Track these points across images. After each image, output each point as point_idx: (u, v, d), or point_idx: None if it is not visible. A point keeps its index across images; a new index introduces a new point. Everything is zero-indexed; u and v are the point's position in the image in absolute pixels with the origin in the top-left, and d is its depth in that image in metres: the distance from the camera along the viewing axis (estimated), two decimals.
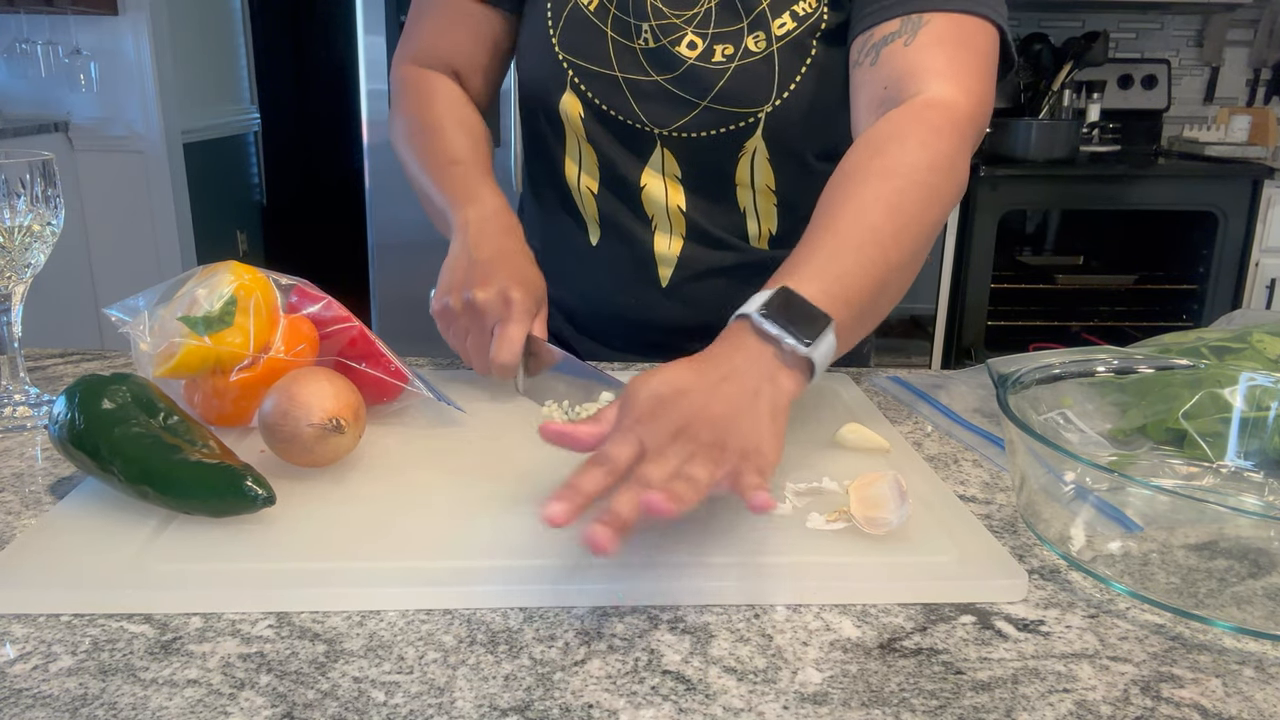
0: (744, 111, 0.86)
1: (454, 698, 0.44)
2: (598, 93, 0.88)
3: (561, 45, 0.87)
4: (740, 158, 0.89)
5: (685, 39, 0.85)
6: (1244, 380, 0.68)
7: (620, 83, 0.87)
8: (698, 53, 0.85)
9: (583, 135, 0.91)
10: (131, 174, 3.33)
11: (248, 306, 0.69)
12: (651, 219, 0.92)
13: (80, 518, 0.58)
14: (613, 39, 0.86)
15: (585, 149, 0.92)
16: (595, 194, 0.93)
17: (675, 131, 0.88)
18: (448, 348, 0.83)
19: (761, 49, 0.84)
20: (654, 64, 0.86)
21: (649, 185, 0.91)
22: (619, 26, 0.86)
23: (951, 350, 2.97)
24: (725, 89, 0.85)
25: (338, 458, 0.64)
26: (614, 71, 0.87)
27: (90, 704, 0.43)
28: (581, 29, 0.87)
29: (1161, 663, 0.48)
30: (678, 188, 0.91)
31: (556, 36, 0.87)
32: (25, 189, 0.71)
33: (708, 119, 0.86)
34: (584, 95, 0.88)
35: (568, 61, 0.87)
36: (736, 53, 0.84)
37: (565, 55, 0.87)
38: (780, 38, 0.84)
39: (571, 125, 0.90)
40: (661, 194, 0.91)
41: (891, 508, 0.56)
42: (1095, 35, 3.08)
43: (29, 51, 3.18)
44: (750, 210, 0.92)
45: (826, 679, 0.46)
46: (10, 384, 0.77)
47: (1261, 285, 2.89)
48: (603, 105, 0.88)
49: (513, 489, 0.63)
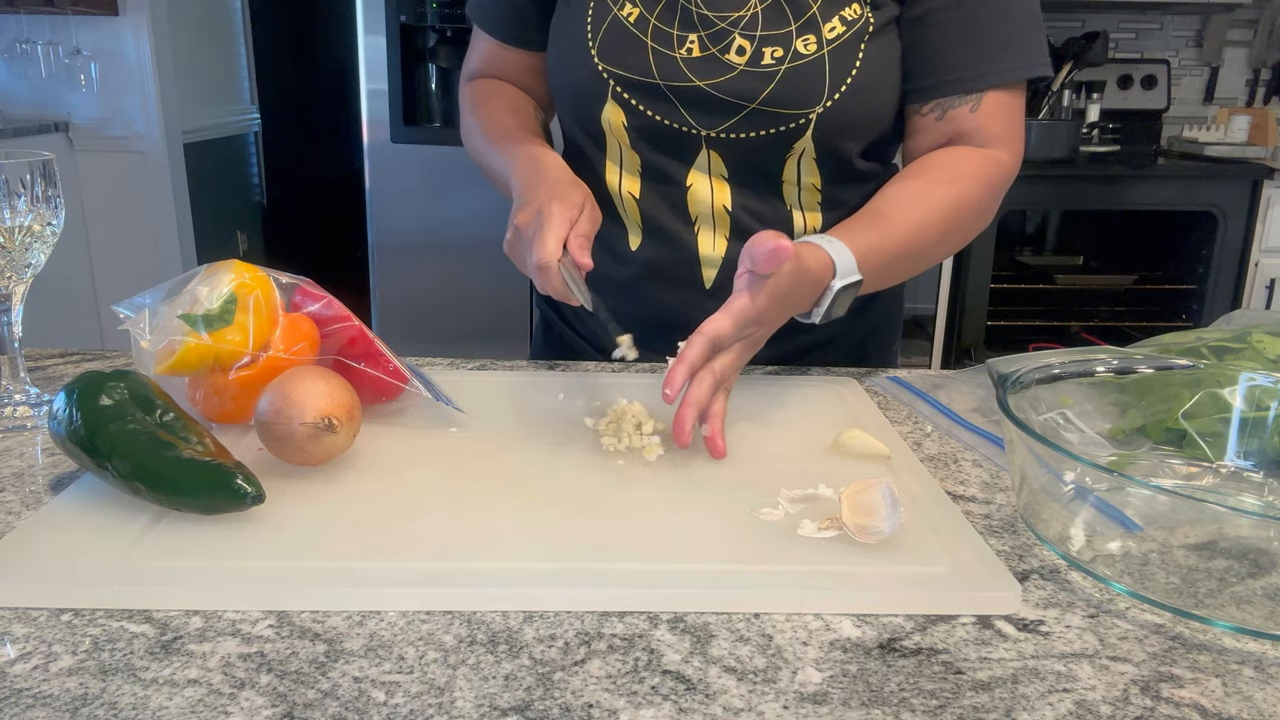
0: (795, 113, 0.86)
1: (454, 698, 0.44)
2: (641, 101, 0.88)
3: (601, 56, 0.88)
4: (788, 158, 0.89)
5: (734, 45, 0.85)
6: (1244, 380, 0.68)
7: (664, 90, 0.87)
8: (746, 58, 0.85)
9: (626, 142, 0.91)
10: (131, 174, 3.33)
11: (247, 305, 0.69)
12: (695, 220, 0.93)
13: (74, 513, 0.58)
14: (653, 49, 0.87)
15: (628, 154, 0.92)
16: (638, 198, 0.93)
17: (723, 134, 0.88)
18: (448, 348, 0.83)
19: (812, 52, 0.84)
20: (699, 71, 0.86)
21: (695, 185, 0.91)
22: (659, 37, 0.87)
23: (951, 350, 2.97)
24: (775, 92, 0.85)
25: (332, 456, 0.64)
26: (655, 79, 0.87)
27: (90, 704, 0.43)
28: (621, 40, 0.88)
29: (1161, 663, 0.48)
30: (724, 186, 0.91)
31: (596, 48, 0.88)
32: (25, 189, 0.71)
33: (757, 121, 0.87)
34: (627, 104, 0.89)
35: (608, 72, 0.88)
36: (786, 55, 0.85)
37: (605, 66, 0.88)
38: (830, 41, 0.85)
39: (615, 133, 0.91)
40: (707, 194, 0.92)
41: (883, 515, 0.55)
42: (1095, 35, 3.08)
43: (29, 51, 3.18)
44: (795, 206, 0.93)
45: (826, 679, 0.46)
46: (10, 384, 0.77)
47: (1261, 285, 2.89)
48: (648, 112, 0.89)
49: (511, 489, 0.63)
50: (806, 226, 0.93)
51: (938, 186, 0.86)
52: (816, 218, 0.93)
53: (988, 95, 0.87)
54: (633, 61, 0.88)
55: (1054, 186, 2.90)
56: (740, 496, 0.62)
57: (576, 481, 0.64)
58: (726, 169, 0.91)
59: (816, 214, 0.93)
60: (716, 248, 0.93)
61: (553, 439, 0.71)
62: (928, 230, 0.85)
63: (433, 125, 2.97)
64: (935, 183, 0.86)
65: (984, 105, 0.88)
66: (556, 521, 0.59)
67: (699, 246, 0.93)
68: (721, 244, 0.93)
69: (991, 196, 0.88)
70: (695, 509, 0.61)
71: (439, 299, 2.96)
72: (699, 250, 0.94)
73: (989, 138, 0.88)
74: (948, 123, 0.89)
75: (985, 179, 0.88)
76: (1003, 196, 0.90)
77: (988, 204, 0.89)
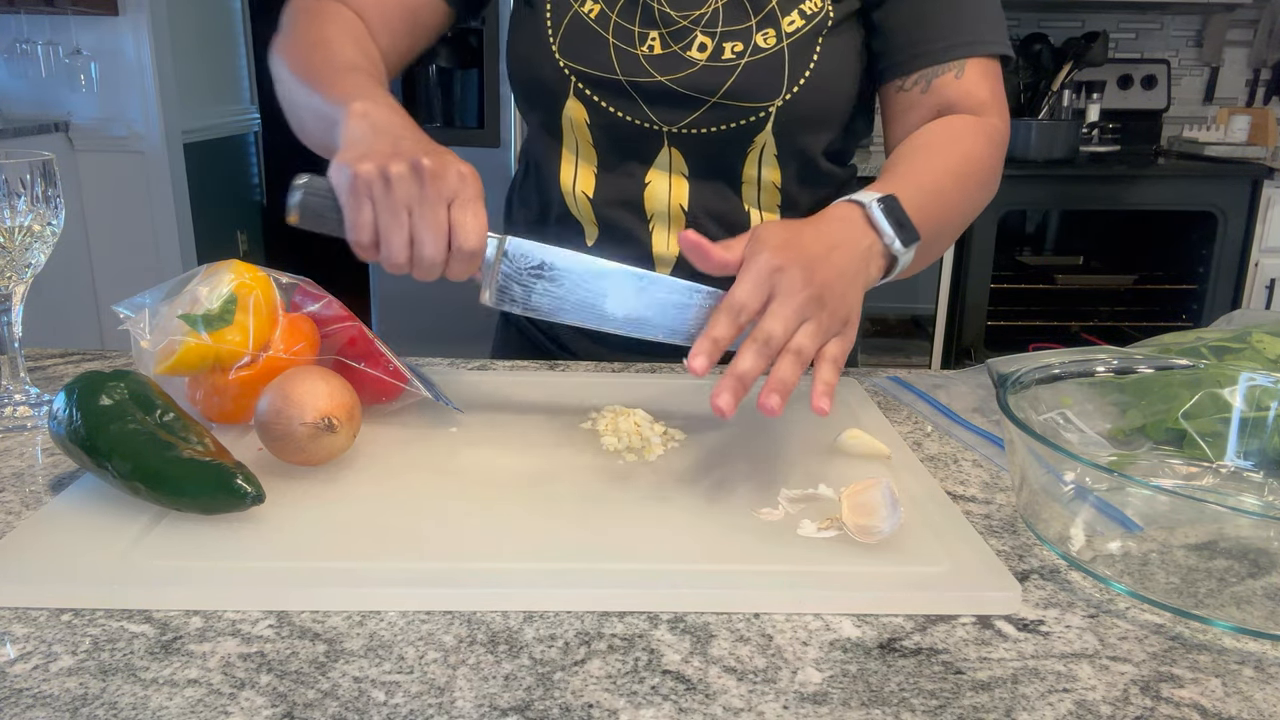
0: (754, 107, 0.86)
1: (454, 698, 0.44)
2: (603, 97, 0.88)
3: (563, 53, 0.87)
4: (749, 153, 0.90)
5: (696, 41, 0.86)
6: (1244, 380, 0.68)
7: (625, 86, 0.87)
8: (707, 54, 0.86)
9: (587, 139, 0.91)
10: (131, 174, 3.33)
11: (247, 305, 0.69)
12: (650, 218, 0.93)
13: (73, 514, 0.58)
14: (615, 45, 0.87)
15: (586, 151, 0.92)
16: (591, 196, 0.93)
17: (684, 129, 0.88)
18: (448, 348, 0.82)
19: (771, 45, 0.85)
20: (660, 67, 0.86)
21: (653, 183, 0.91)
22: (621, 33, 0.87)
23: (951, 350, 2.97)
24: (735, 86, 0.85)
25: (332, 457, 0.64)
26: (617, 75, 0.87)
27: (90, 704, 0.43)
28: (583, 36, 0.87)
29: (1161, 663, 0.48)
30: (683, 184, 0.91)
31: (557, 45, 0.87)
32: (25, 189, 0.71)
33: (718, 115, 0.87)
34: (589, 100, 0.88)
35: (570, 68, 0.87)
36: (746, 49, 0.85)
37: (567, 62, 0.87)
38: (790, 35, 0.85)
39: (576, 130, 0.90)
40: (665, 191, 0.91)
41: (883, 516, 0.55)
42: (1095, 35, 3.09)
43: (29, 51, 3.18)
44: (754, 205, 0.93)
45: (826, 679, 0.46)
46: (10, 384, 0.77)
47: (1261, 285, 2.89)
48: (609, 108, 0.88)
49: (511, 489, 0.63)
50: None
51: (945, 145, 0.83)
52: (774, 218, 0.93)
53: (970, 63, 0.86)
54: (595, 58, 0.87)
55: (1054, 186, 2.90)
56: (740, 496, 0.62)
57: (576, 481, 0.64)
58: (687, 166, 0.91)
59: (775, 214, 0.93)
60: (671, 246, 0.93)
61: (553, 439, 0.71)
62: (945, 178, 0.80)
63: (433, 125, 2.97)
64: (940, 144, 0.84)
65: (968, 72, 0.86)
66: (556, 521, 0.59)
67: (653, 245, 0.93)
68: (675, 243, 0.93)
69: (996, 154, 0.86)
70: (695, 509, 0.61)
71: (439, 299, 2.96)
72: (653, 249, 0.93)
73: (977, 105, 0.86)
74: (934, 94, 0.87)
75: (986, 136, 0.85)
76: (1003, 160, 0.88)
77: (995, 161, 0.86)
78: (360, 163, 0.62)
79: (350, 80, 0.73)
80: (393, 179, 0.61)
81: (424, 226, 0.62)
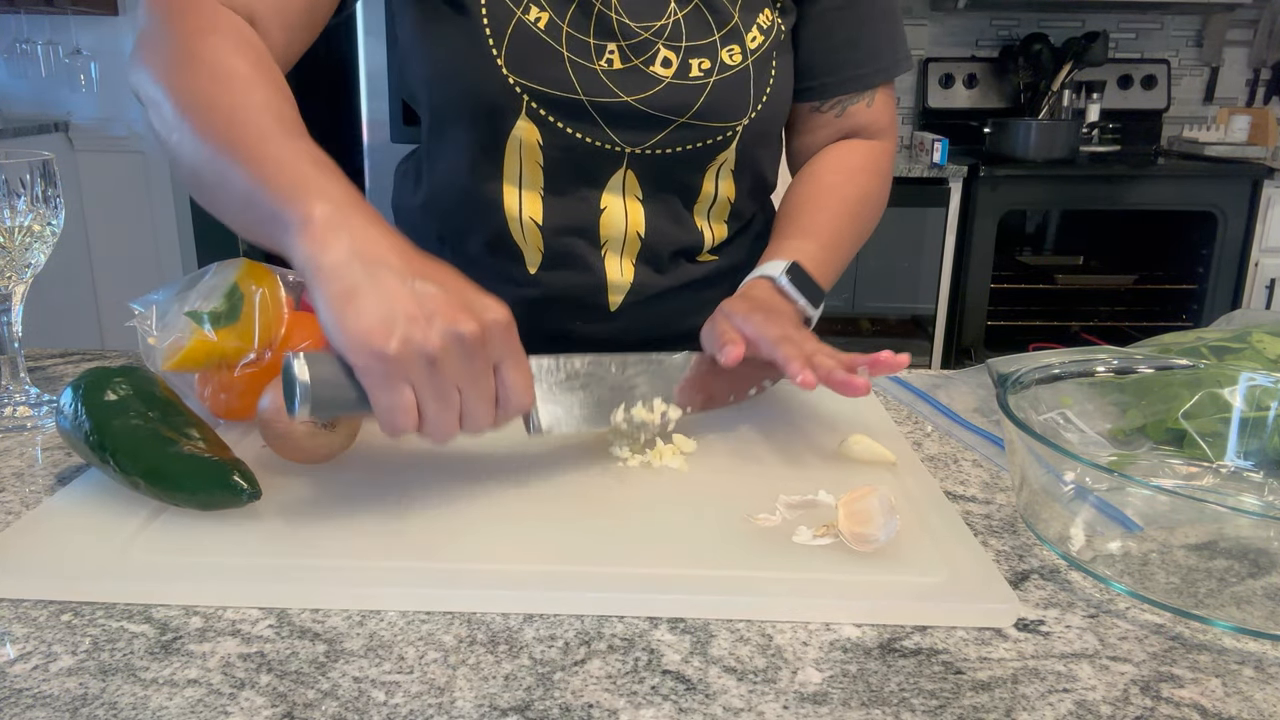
0: (723, 126, 0.84)
1: (454, 698, 0.44)
2: (560, 118, 0.81)
3: (512, 68, 0.79)
4: (709, 170, 0.87)
5: (659, 56, 0.81)
6: (1244, 380, 0.68)
7: (586, 107, 0.80)
8: (673, 70, 0.81)
9: (536, 161, 0.83)
10: (131, 174, 3.33)
11: (254, 302, 0.70)
12: (603, 244, 0.87)
13: (71, 511, 0.58)
14: (570, 60, 0.79)
15: (531, 176, 0.84)
16: (540, 223, 0.85)
17: (647, 150, 0.83)
18: None
19: (738, 63, 0.83)
20: (623, 85, 0.81)
21: (609, 209, 0.86)
22: (575, 46, 0.79)
23: (951, 350, 2.97)
24: (705, 105, 0.82)
25: (331, 455, 0.64)
26: (578, 95, 0.80)
27: (90, 704, 0.43)
28: (533, 49, 0.79)
29: (1161, 663, 0.48)
30: (638, 208, 0.87)
31: (503, 57, 0.79)
32: (25, 189, 0.71)
33: (685, 136, 0.83)
34: (544, 121, 0.81)
35: (521, 86, 0.79)
36: (714, 66, 0.82)
37: (518, 79, 0.79)
38: (754, 51, 0.84)
39: (524, 152, 0.83)
40: (621, 218, 0.87)
41: (879, 524, 0.54)
42: (1095, 35, 3.09)
43: (29, 51, 3.18)
44: (705, 225, 0.91)
45: (826, 679, 0.46)
46: (10, 384, 0.77)
47: (1261, 285, 2.89)
48: (567, 129, 0.81)
49: (511, 490, 0.63)
50: (714, 238, 0.92)
51: (841, 186, 0.91)
52: (723, 229, 0.93)
53: (879, 90, 0.93)
54: (550, 74, 0.79)
55: (1054, 186, 2.90)
56: (738, 501, 0.62)
57: (577, 483, 0.64)
58: (642, 189, 0.86)
59: (723, 226, 0.93)
60: (625, 273, 0.89)
61: (554, 439, 0.71)
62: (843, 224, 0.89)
63: None
64: (837, 186, 0.91)
65: (876, 100, 0.93)
66: (556, 523, 0.58)
67: (606, 272, 0.88)
68: (629, 269, 0.89)
69: (886, 185, 0.95)
70: (694, 512, 0.60)
71: None
72: (606, 276, 0.88)
73: (879, 130, 0.94)
74: (847, 118, 0.93)
75: (879, 172, 0.94)
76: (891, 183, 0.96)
77: (885, 192, 0.95)
78: (388, 342, 0.51)
79: (287, 154, 0.59)
80: (439, 361, 0.52)
81: (476, 399, 0.54)
